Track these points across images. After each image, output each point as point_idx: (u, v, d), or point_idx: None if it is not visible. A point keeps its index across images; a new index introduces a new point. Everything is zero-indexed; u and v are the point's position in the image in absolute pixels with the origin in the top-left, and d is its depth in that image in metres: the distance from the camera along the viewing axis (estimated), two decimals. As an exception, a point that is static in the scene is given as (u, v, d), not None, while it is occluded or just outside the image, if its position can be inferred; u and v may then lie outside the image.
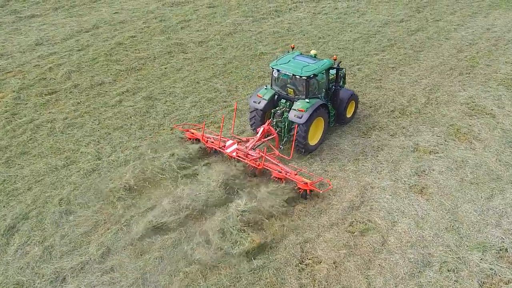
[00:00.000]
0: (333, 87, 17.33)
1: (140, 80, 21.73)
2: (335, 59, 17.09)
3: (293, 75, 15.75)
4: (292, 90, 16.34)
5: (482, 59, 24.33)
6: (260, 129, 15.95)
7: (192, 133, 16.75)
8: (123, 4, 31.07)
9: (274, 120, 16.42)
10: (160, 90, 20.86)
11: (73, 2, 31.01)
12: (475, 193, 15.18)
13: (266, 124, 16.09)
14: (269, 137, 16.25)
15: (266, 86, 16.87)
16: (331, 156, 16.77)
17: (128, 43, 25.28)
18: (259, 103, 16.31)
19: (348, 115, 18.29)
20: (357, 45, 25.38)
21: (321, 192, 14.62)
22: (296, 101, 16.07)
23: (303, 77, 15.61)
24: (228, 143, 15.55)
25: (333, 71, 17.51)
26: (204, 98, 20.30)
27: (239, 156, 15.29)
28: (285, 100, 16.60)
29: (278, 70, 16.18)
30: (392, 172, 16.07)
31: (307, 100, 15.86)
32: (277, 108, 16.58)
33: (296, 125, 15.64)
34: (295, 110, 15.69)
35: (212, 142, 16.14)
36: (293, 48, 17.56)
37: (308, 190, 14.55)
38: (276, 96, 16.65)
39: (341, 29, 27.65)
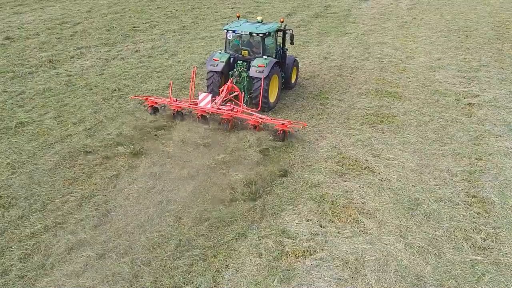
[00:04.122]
0: (281, 50, 17.78)
1: None
2: (282, 21, 17.65)
3: (250, 33, 16.13)
4: (247, 52, 16.70)
5: (331, 94, 18.79)
6: (225, 87, 15.66)
7: (153, 100, 16.08)
8: None
9: (234, 80, 16.27)
10: None
11: None
12: (398, 323, 8.48)
13: (229, 81, 15.95)
14: (232, 94, 15.96)
15: (220, 50, 16.91)
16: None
17: None
18: (216, 65, 16.25)
19: (292, 80, 18.74)
20: (168, 94, 17.43)
21: (301, 127, 14.83)
22: (252, 60, 16.24)
23: (260, 34, 16.03)
24: (201, 96, 15.10)
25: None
26: None
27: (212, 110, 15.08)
28: (241, 61, 16.62)
29: (233, 31, 16.37)
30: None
31: (264, 57, 16.21)
32: (234, 70, 16.50)
33: (263, 77, 15.60)
34: (255, 66, 15.88)
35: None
36: (238, 17, 17.96)
37: (286, 132, 14.69)
38: (231, 58, 16.69)
39: (145, 76, 20.05)
